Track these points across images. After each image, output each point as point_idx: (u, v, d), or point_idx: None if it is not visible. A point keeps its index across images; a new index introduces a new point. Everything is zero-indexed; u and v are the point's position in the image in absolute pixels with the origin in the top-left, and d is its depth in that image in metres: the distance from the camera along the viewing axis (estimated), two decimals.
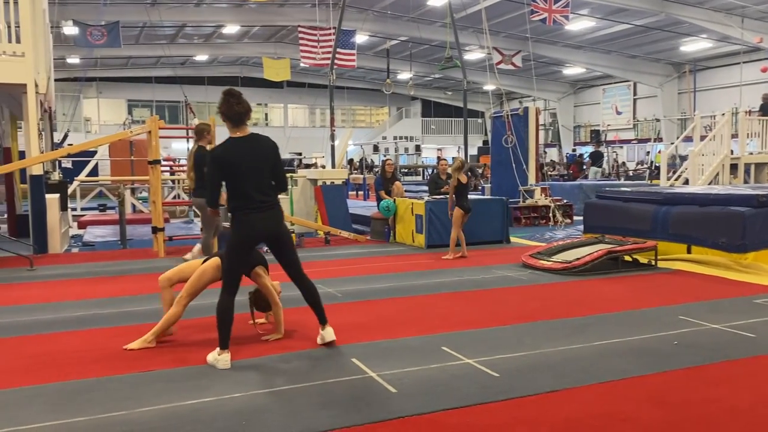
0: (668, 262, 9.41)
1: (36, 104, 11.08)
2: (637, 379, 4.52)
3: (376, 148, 38.94)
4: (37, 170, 11.17)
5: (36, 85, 11.03)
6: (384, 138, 43.13)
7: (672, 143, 25.67)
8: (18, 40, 10.82)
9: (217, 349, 4.90)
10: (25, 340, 5.69)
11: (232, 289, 5.01)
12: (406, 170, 36.66)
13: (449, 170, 10.30)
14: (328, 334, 5.29)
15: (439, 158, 11.38)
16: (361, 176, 27.00)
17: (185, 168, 19.02)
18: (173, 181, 19.13)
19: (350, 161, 34.15)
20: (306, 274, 5.31)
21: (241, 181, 4.91)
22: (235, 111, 4.95)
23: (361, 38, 28.03)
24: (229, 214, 5.10)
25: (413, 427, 3.77)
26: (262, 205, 4.96)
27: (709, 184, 13.86)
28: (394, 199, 12.37)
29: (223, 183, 5.04)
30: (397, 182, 13.36)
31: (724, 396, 4.20)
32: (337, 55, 20.36)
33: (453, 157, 10.96)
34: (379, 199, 13.01)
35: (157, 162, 11.01)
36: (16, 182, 14.52)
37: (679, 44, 29.76)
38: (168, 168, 17.80)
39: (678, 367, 4.76)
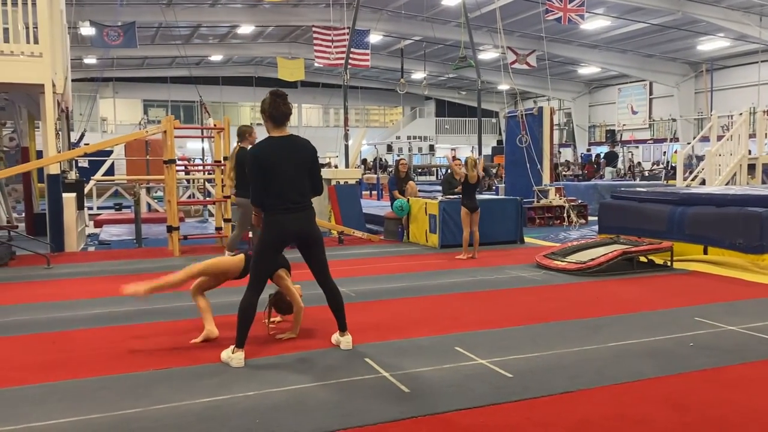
0: (684, 263, 9.35)
1: (53, 104, 11.17)
2: (653, 380, 4.49)
3: (389, 148, 38.92)
4: (54, 169, 11.26)
5: (53, 86, 11.11)
6: (398, 138, 43.11)
7: (688, 143, 25.50)
8: (36, 41, 10.92)
9: (232, 347, 4.92)
10: (41, 338, 5.74)
11: (258, 288, 5.00)
12: (419, 170, 36.63)
13: (463, 169, 10.29)
14: (346, 342, 5.26)
15: (453, 158, 11.35)
16: (375, 176, 27.00)
17: (199, 167, 19.19)
18: (188, 181, 19.23)
19: (364, 161, 34.16)
20: (332, 278, 5.26)
21: (277, 180, 4.90)
22: (281, 111, 4.95)
23: (375, 38, 27.97)
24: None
25: (426, 427, 3.76)
26: (294, 206, 4.95)
27: (727, 184, 13.76)
28: (408, 199, 12.36)
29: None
30: (410, 182, 13.33)
31: (740, 398, 4.16)
32: (351, 55, 20.33)
33: (466, 157, 10.92)
34: (392, 199, 13.00)
35: (172, 161, 11.05)
36: (33, 181, 14.64)
37: (696, 43, 29.49)
38: (183, 167, 17.89)
39: (694, 369, 4.73)
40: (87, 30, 24.51)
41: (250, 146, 8.87)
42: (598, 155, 31.81)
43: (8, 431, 3.73)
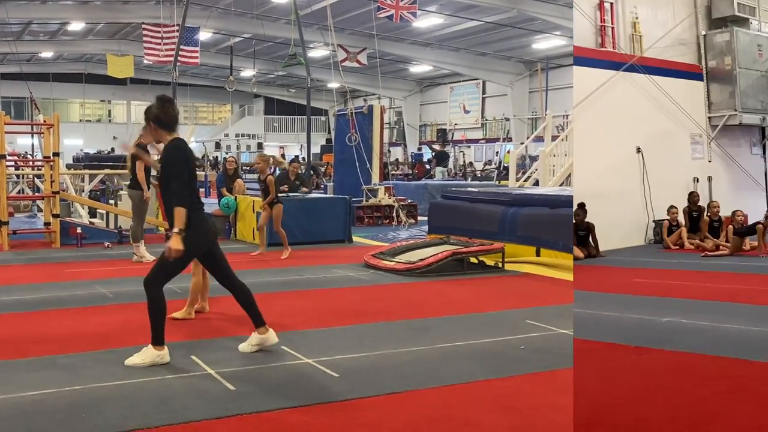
0: (516, 265, 9.26)
1: None
2: (482, 383, 4.41)
3: (218, 146, 38.31)
4: None
5: None
6: (226, 135, 42.63)
7: (522, 143, 25.17)
8: None
9: (150, 345, 4.71)
10: None
11: (165, 283, 4.82)
12: (248, 168, 35.91)
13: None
14: (272, 337, 5.05)
15: (294, 158, 11.06)
16: (203, 173, 26.19)
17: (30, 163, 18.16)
18: (18, 176, 19.01)
19: None
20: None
21: (192, 179, 4.92)
22: (171, 116, 4.88)
23: (204, 35, 27.59)
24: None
25: (251, 425, 3.69)
26: (201, 205, 5.01)
27: (561, 185, 13.46)
28: (236, 197, 12.11)
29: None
30: (238, 180, 13.20)
31: (570, 403, 3.98)
32: (180, 53, 19.75)
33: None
34: (220, 197, 12.66)
35: (2, 157, 10.95)
36: None
37: (532, 41, 29.41)
38: (13, 163, 17.22)
39: (525, 371, 4.66)
40: None
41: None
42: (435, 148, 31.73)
43: None
